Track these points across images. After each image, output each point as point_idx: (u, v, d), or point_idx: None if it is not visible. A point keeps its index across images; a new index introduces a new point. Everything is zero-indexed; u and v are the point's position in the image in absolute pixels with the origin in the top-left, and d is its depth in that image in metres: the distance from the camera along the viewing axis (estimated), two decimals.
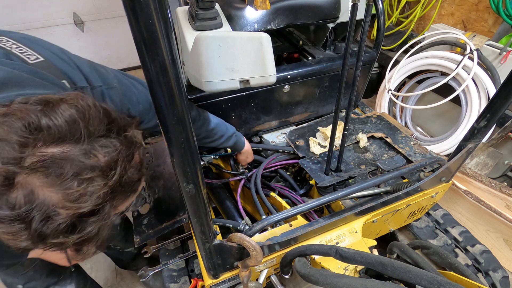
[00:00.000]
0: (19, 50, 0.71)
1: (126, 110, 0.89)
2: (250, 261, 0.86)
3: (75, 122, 0.55)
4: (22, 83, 0.62)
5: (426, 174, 1.26)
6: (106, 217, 0.59)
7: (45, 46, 0.77)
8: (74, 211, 0.53)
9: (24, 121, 0.51)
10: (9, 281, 1.10)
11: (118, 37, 3.18)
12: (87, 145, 0.55)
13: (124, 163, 0.59)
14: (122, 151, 0.59)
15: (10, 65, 0.65)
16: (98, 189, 0.55)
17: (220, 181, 1.54)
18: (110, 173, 0.57)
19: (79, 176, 0.53)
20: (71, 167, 0.52)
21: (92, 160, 0.54)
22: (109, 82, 0.84)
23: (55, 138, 0.53)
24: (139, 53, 0.43)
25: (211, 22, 1.07)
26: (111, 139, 0.59)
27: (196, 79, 0.96)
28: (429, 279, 0.65)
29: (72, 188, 0.52)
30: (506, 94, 0.92)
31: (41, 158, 0.50)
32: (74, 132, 0.54)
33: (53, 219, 0.52)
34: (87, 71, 0.79)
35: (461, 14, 2.47)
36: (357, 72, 1.06)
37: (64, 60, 0.76)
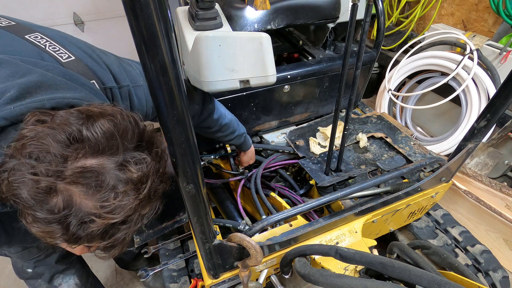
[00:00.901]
0: (53, 48, 0.73)
1: (151, 106, 0.90)
2: (250, 261, 0.86)
3: (113, 136, 0.58)
4: (54, 86, 0.64)
5: (426, 174, 1.26)
6: (134, 224, 0.63)
7: (77, 44, 0.79)
8: (107, 221, 0.58)
9: (67, 134, 0.55)
10: (20, 265, 1.16)
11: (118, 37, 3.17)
12: (122, 157, 0.59)
13: (153, 177, 0.63)
14: (152, 165, 0.63)
15: (43, 66, 0.66)
16: (130, 202, 0.59)
17: (220, 181, 1.54)
18: (141, 187, 0.61)
19: (115, 189, 0.57)
20: (108, 180, 0.56)
21: (127, 175, 0.58)
22: (135, 80, 0.86)
23: (94, 151, 0.56)
24: (139, 53, 0.43)
25: (211, 22, 1.07)
26: (143, 154, 0.62)
27: (196, 79, 0.96)
28: (429, 279, 0.65)
29: (109, 201, 0.56)
30: (506, 94, 0.91)
31: (81, 170, 0.54)
32: (111, 146, 0.58)
33: (88, 225, 0.57)
34: (116, 71, 0.81)
35: (461, 14, 2.46)
36: (357, 72, 1.06)
37: (94, 60, 0.78)
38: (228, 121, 1.21)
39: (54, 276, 1.21)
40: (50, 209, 0.54)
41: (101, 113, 0.60)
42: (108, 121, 0.58)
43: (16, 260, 1.16)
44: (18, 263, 1.17)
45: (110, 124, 0.58)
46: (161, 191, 0.69)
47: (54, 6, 2.79)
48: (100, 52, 0.82)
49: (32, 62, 0.66)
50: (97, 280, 1.46)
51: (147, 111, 0.90)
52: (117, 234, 0.62)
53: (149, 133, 0.68)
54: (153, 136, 0.69)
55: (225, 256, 0.89)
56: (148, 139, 0.67)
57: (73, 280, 1.26)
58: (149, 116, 0.94)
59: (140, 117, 0.67)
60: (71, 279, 1.26)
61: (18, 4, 2.67)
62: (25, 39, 0.71)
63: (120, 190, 0.57)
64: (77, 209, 0.55)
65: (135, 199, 0.60)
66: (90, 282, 1.37)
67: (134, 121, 0.64)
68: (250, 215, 1.49)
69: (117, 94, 0.81)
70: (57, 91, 0.64)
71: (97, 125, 0.57)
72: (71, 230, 0.56)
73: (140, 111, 0.89)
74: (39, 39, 0.73)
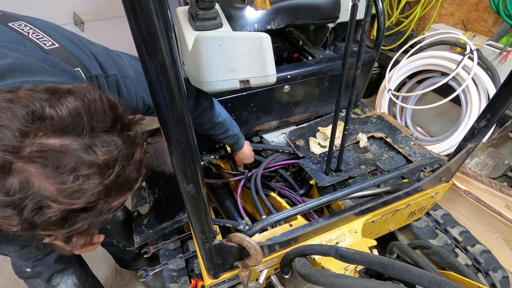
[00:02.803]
0: (36, 35, 0.71)
1: (141, 98, 0.88)
2: (250, 261, 0.86)
3: (79, 115, 0.53)
4: (30, 70, 0.62)
5: (426, 174, 1.26)
6: (98, 214, 0.58)
7: (63, 33, 0.77)
8: (66, 206, 0.53)
9: (28, 109, 0.50)
10: (19, 264, 1.16)
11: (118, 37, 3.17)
12: (88, 140, 0.54)
13: (123, 162, 0.58)
14: (122, 149, 0.58)
15: (22, 51, 0.64)
16: (93, 187, 0.54)
17: (220, 181, 1.54)
18: (107, 172, 0.56)
19: (76, 171, 0.52)
20: (69, 161, 0.51)
21: (91, 157, 0.53)
22: (124, 70, 0.83)
23: (57, 129, 0.52)
24: (139, 53, 0.43)
25: (211, 22, 1.07)
26: (113, 137, 0.57)
27: (196, 79, 0.96)
28: (429, 279, 0.65)
29: (67, 184, 0.52)
30: (506, 94, 0.91)
31: (41, 148, 0.50)
32: (77, 125, 0.53)
33: (44, 211, 0.52)
34: (103, 60, 0.79)
35: (461, 14, 2.46)
36: (357, 72, 1.06)
37: (80, 48, 0.76)
38: (221, 120, 1.20)
39: (52, 275, 1.22)
40: (5, 191, 0.50)
41: (70, 91, 0.55)
42: (76, 98, 0.54)
43: (15, 259, 1.17)
44: (17, 262, 1.17)
45: (78, 102, 0.54)
46: (133, 181, 0.64)
47: (54, 6, 2.79)
48: (87, 41, 0.80)
49: (9, 47, 0.63)
50: (96, 280, 1.46)
51: (137, 103, 0.88)
52: (78, 223, 0.56)
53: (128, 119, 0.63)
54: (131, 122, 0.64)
55: (225, 256, 0.89)
56: (125, 123, 0.62)
57: (72, 280, 1.26)
58: (140, 109, 0.91)
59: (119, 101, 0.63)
60: (69, 279, 1.26)
61: (18, 4, 2.67)
62: (8, 26, 0.69)
63: (82, 173, 0.52)
64: (34, 192, 0.51)
65: (99, 184, 0.54)
66: (89, 282, 1.37)
67: (109, 103, 0.59)
68: (250, 215, 1.49)
69: (103, 83, 0.78)
70: (33, 75, 0.61)
71: (63, 102, 0.52)
72: (24, 215, 0.51)
73: (130, 103, 0.86)
74: (22, 27, 0.71)
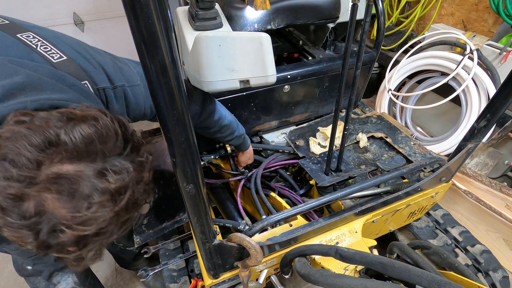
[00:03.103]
0: (44, 48, 0.71)
1: (149, 107, 0.89)
2: (250, 261, 0.86)
3: (92, 142, 0.56)
4: (40, 87, 0.62)
5: (426, 174, 1.26)
6: (108, 235, 0.61)
7: (70, 44, 0.76)
8: (78, 233, 0.55)
9: (44, 137, 0.52)
10: (20, 262, 1.16)
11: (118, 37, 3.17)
12: (101, 165, 0.57)
13: (133, 187, 0.61)
14: (133, 175, 0.61)
15: (31, 67, 0.65)
16: (105, 214, 0.57)
17: (220, 181, 1.54)
18: (119, 198, 0.59)
19: (89, 198, 0.55)
20: (83, 188, 0.54)
21: (104, 184, 0.56)
22: (132, 79, 0.84)
23: (71, 156, 0.54)
24: (139, 53, 0.43)
25: (211, 22, 1.07)
26: (124, 161, 0.60)
27: (196, 79, 0.96)
28: (429, 279, 0.65)
29: (81, 212, 0.54)
30: (506, 94, 0.91)
31: (56, 175, 0.52)
32: (90, 152, 0.56)
33: (58, 235, 0.55)
34: (110, 70, 0.79)
35: (461, 14, 2.46)
36: (357, 72, 1.06)
37: (87, 59, 0.76)
38: (228, 122, 1.21)
39: (53, 273, 1.22)
40: (21, 214, 0.52)
41: (84, 117, 0.57)
42: (90, 126, 0.56)
43: (16, 257, 1.17)
44: (18, 260, 1.17)
45: (91, 129, 0.56)
46: (142, 202, 0.67)
47: (54, 6, 2.79)
48: (95, 52, 0.80)
49: (19, 62, 0.64)
50: (96, 280, 1.46)
51: (145, 111, 0.89)
52: (89, 245, 0.60)
53: (137, 139, 0.66)
54: (141, 143, 0.67)
55: (225, 256, 0.89)
56: (135, 146, 0.64)
57: (72, 279, 1.26)
58: (147, 116, 0.93)
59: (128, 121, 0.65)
60: (69, 277, 1.26)
61: (18, 4, 2.67)
62: (17, 38, 0.70)
63: (95, 200, 0.55)
64: (48, 216, 0.53)
65: (111, 211, 0.57)
66: (89, 281, 1.38)
67: (120, 126, 0.62)
68: (250, 215, 1.49)
69: (111, 94, 0.79)
70: (42, 92, 0.62)
71: (77, 129, 0.55)
72: (40, 237, 0.54)
73: (138, 111, 0.88)
74: (31, 39, 0.71)
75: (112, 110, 0.81)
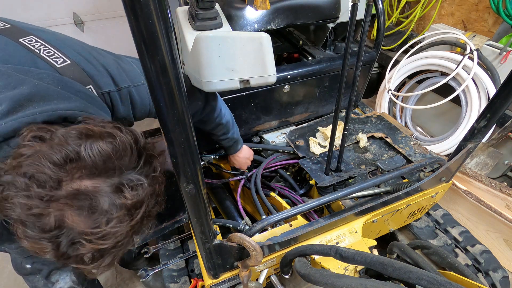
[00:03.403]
0: (47, 52, 0.71)
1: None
2: (250, 261, 0.86)
3: (110, 159, 0.58)
4: (47, 97, 0.63)
5: (426, 174, 1.26)
6: (124, 247, 0.64)
7: (74, 47, 0.76)
8: (97, 246, 0.58)
9: (64, 155, 0.54)
10: (19, 261, 1.17)
11: (118, 37, 3.17)
12: (118, 180, 0.59)
13: (148, 201, 0.64)
14: (147, 190, 0.63)
15: (37, 75, 0.65)
16: (122, 228, 0.59)
17: (220, 181, 1.54)
18: (135, 212, 0.61)
19: (108, 214, 0.57)
20: (102, 203, 0.56)
21: (121, 200, 0.58)
22: (136, 79, 0.84)
23: (90, 173, 0.56)
24: (139, 53, 0.43)
25: (211, 22, 1.07)
26: (139, 175, 0.63)
27: (196, 79, 0.96)
28: (429, 279, 0.65)
29: (100, 227, 0.56)
30: (506, 94, 0.91)
31: (76, 191, 0.54)
32: (108, 168, 0.58)
33: (78, 248, 0.57)
34: (114, 72, 0.79)
35: (461, 14, 2.46)
36: (357, 72, 1.06)
37: (91, 63, 0.76)
38: (224, 122, 1.21)
39: (51, 272, 1.22)
40: (42, 227, 0.54)
41: (101, 134, 0.59)
42: (107, 143, 0.58)
43: (15, 256, 1.17)
44: (17, 259, 1.17)
45: (108, 146, 0.58)
46: (155, 213, 0.69)
47: (54, 6, 2.79)
48: (98, 54, 0.80)
49: (24, 70, 0.65)
50: (95, 279, 1.46)
51: (150, 109, 0.90)
52: (106, 257, 0.62)
53: (149, 151, 0.68)
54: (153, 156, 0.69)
55: (225, 256, 0.89)
56: (148, 158, 0.67)
57: (70, 278, 1.26)
58: (152, 114, 0.93)
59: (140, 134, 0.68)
60: (68, 276, 1.26)
61: (18, 4, 2.67)
62: (19, 43, 0.69)
63: (113, 215, 0.57)
64: (68, 230, 0.55)
65: (127, 225, 0.60)
66: (88, 281, 1.37)
67: (133, 140, 0.64)
68: (250, 215, 1.49)
69: (116, 97, 0.79)
70: (50, 102, 0.63)
71: (95, 146, 0.57)
72: (61, 250, 0.56)
73: (143, 110, 0.88)
74: (33, 43, 0.71)
75: (118, 112, 0.81)
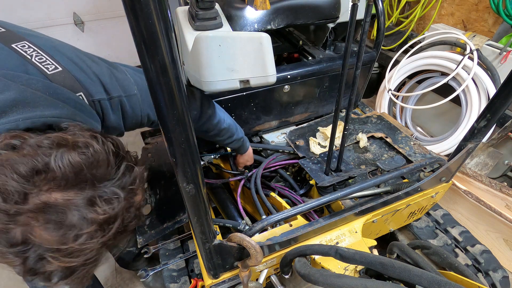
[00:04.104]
0: (39, 59, 0.69)
1: (146, 115, 0.88)
2: (250, 261, 0.86)
3: (82, 171, 0.55)
4: (33, 104, 0.61)
5: (426, 174, 1.26)
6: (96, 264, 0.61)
7: (67, 53, 0.75)
8: (65, 264, 0.55)
9: (32, 165, 0.51)
10: None
11: (118, 37, 3.18)
12: (91, 193, 0.55)
13: (122, 216, 0.60)
14: (123, 204, 0.60)
15: (25, 80, 0.63)
16: (92, 246, 0.56)
17: (220, 181, 1.54)
18: (108, 227, 0.58)
19: (77, 229, 0.54)
20: (71, 218, 0.53)
21: (92, 215, 0.55)
22: (129, 89, 0.82)
23: (60, 185, 0.53)
24: (139, 53, 0.43)
25: (211, 22, 1.07)
26: (115, 188, 0.59)
27: (196, 79, 0.96)
28: (429, 279, 0.65)
29: (68, 244, 0.53)
30: (506, 94, 0.91)
31: (44, 204, 0.51)
32: (80, 180, 0.55)
33: (45, 265, 0.54)
34: (106, 81, 0.77)
35: (461, 14, 2.46)
36: (357, 72, 1.06)
37: (83, 70, 0.74)
38: (226, 125, 1.20)
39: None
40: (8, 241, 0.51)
41: (74, 143, 0.56)
42: (79, 154, 0.55)
43: None
44: None
45: (81, 157, 0.55)
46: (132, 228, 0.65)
47: (54, 6, 2.79)
48: (91, 61, 0.78)
49: (13, 76, 0.63)
50: (96, 280, 1.46)
51: (142, 120, 0.88)
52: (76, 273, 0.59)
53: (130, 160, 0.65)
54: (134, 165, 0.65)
55: (225, 256, 0.89)
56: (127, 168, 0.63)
57: None
58: (144, 124, 0.92)
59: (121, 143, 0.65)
60: None
61: (18, 4, 2.67)
62: (12, 48, 0.68)
63: (83, 231, 0.54)
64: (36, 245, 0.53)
65: (97, 242, 0.56)
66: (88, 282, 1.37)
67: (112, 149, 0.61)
68: (250, 215, 1.49)
69: (106, 106, 0.77)
70: (35, 108, 0.61)
71: (65, 157, 0.53)
72: (27, 265, 0.54)
73: (135, 120, 0.87)
74: (26, 49, 0.69)
75: (108, 121, 0.79)
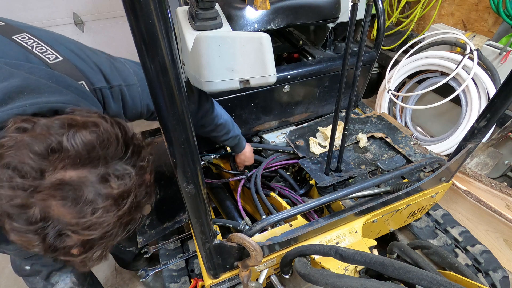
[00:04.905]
0: (40, 49, 0.70)
1: (145, 105, 0.89)
2: (250, 261, 0.86)
3: (94, 149, 0.57)
4: (38, 90, 0.62)
5: (426, 174, 1.26)
6: (113, 238, 0.62)
7: (66, 44, 0.76)
8: (84, 237, 0.57)
9: (46, 145, 0.53)
10: (18, 262, 1.16)
11: (118, 37, 3.17)
12: (104, 170, 0.57)
13: (135, 191, 0.62)
14: (135, 179, 0.62)
15: (28, 69, 0.65)
16: (109, 219, 0.58)
17: (220, 181, 1.54)
18: (122, 202, 0.60)
19: (93, 204, 0.56)
20: (87, 194, 0.55)
21: (107, 190, 0.57)
22: (128, 79, 0.84)
23: (74, 163, 0.55)
24: (139, 53, 0.43)
25: (211, 22, 1.07)
26: (126, 165, 0.61)
27: (196, 79, 0.96)
28: (429, 279, 0.65)
29: (86, 217, 0.55)
30: (506, 94, 0.92)
31: (60, 182, 0.53)
32: (93, 158, 0.56)
33: (64, 239, 0.56)
34: (107, 70, 0.79)
35: (461, 14, 2.46)
36: (357, 72, 1.06)
37: (84, 60, 0.76)
38: (223, 121, 1.21)
39: (51, 273, 1.21)
40: (27, 219, 0.53)
41: (84, 123, 0.58)
42: (91, 132, 0.57)
43: (14, 257, 1.17)
44: (16, 260, 1.17)
45: (92, 135, 0.57)
46: (144, 204, 0.68)
47: (54, 6, 2.79)
48: (91, 52, 0.80)
49: (16, 64, 0.64)
50: (95, 280, 1.45)
51: (141, 110, 0.89)
52: (95, 248, 0.61)
53: (137, 142, 0.67)
54: (141, 146, 0.67)
55: (225, 256, 0.89)
56: (135, 149, 0.65)
57: (70, 279, 1.26)
58: (144, 115, 0.93)
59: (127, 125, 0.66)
60: (68, 277, 1.25)
61: (18, 4, 2.67)
62: (12, 39, 0.69)
63: (99, 205, 0.56)
64: (54, 221, 0.54)
65: (114, 215, 0.59)
66: (88, 282, 1.37)
67: (121, 130, 0.63)
68: (250, 215, 1.49)
69: (108, 94, 0.79)
70: (40, 95, 0.62)
71: (78, 136, 0.55)
72: (47, 241, 0.55)
73: (135, 110, 0.87)
74: (26, 40, 0.71)
75: (109, 109, 0.81)
